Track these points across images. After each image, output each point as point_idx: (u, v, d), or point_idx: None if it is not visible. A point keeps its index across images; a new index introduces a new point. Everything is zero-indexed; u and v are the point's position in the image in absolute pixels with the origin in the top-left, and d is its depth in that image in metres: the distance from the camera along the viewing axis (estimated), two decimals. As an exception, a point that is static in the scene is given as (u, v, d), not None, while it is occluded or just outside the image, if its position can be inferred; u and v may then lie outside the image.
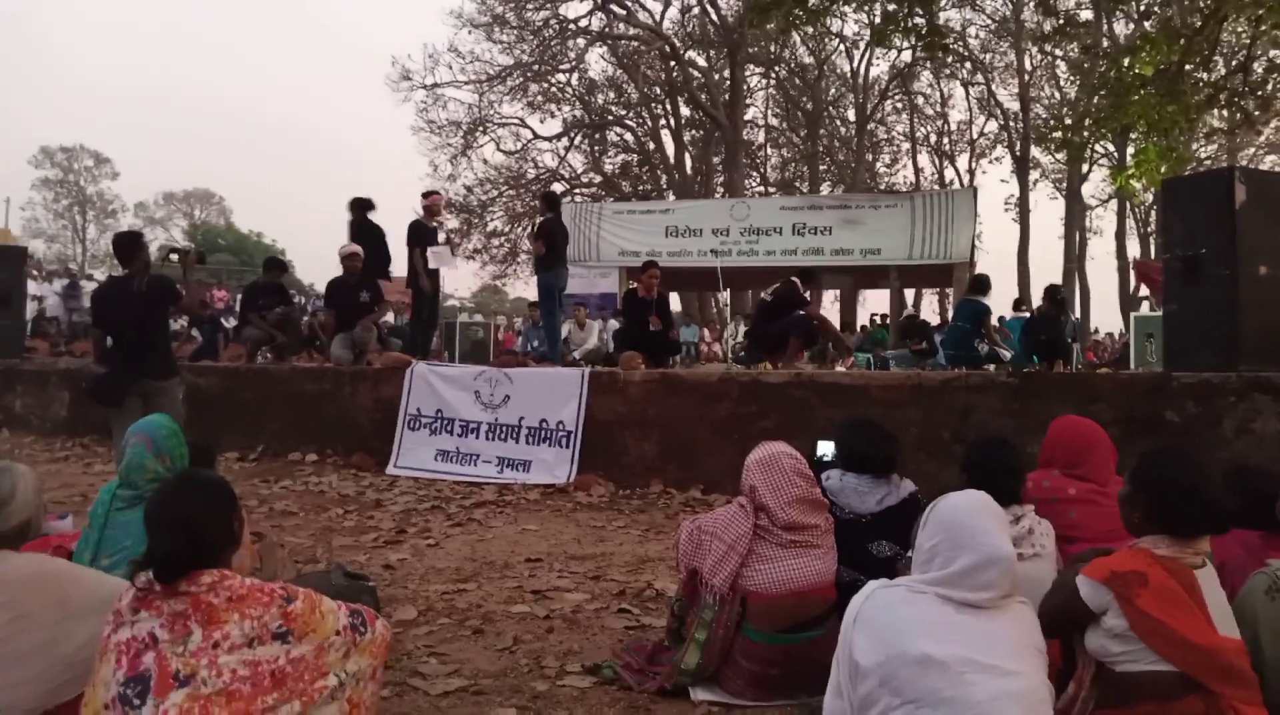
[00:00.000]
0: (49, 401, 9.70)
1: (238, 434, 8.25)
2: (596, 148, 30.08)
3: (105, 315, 5.79)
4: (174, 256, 6.00)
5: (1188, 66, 11.65)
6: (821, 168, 32.36)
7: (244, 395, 8.58)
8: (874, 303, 24.33)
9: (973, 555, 2.04)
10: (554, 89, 28.29)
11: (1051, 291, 10.92)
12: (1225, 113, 14.11)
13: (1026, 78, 28.49)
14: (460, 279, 58.03)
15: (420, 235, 9.16)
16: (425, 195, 9.68)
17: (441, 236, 9.40)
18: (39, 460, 8.16)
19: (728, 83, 26.87)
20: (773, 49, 28.51)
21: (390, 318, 14.16)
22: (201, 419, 7.63)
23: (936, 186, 31.23)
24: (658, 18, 27.34)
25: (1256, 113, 13.33)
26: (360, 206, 9.39)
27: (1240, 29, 13.79)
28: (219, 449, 6.70)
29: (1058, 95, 29.98)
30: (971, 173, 33.69)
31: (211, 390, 8.60)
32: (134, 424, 3.18)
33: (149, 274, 5.65)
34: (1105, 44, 19.44)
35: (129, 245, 5.72)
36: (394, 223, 9.42)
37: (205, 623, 1.94)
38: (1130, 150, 16.62)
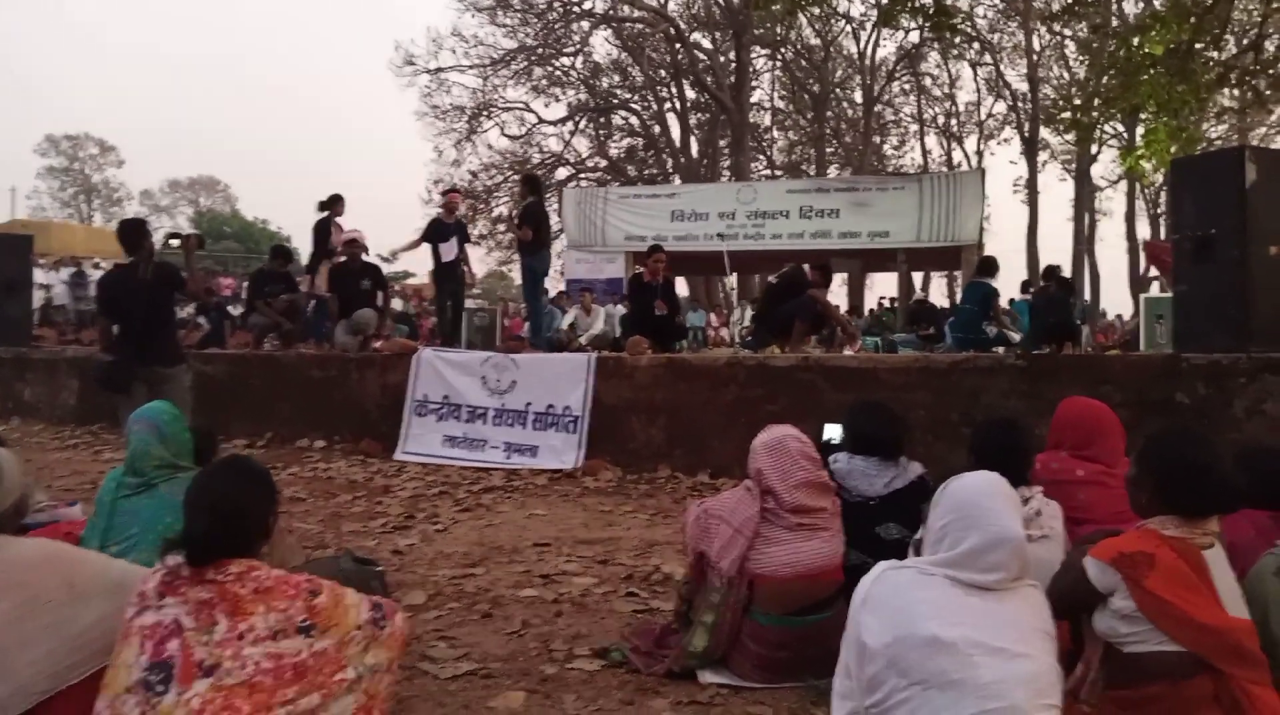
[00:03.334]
0: (58, 389, 9.74)
1: (245, 421, 8.28)
2: (601, 131, 30.00)
3: (112, 303, 5.80)
4: (174, 242, 6.00)
5: (1198, 45, 11.55)
6: (828, 150, 32.18)
7: (252, 382, 8.60)
8: (882, 286, 24.21)
9: (982, 535, 2.03)
10: (558, 73, 28.20)
11: (1052, 271, 10.83)
12: (1236, 92, 14.03)
13: (1035, 58, 28.32)
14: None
15: (436, 232, 9.58)
16: (444, 193, 10.09)
17: (451, 245, 9.55)
18: (49, 448, 8.20)
19: (733, 65, 26.71)
20: (778, 30, 28.30)
21: (398, 304, 14.26)
22: (209, 406, 7.66)
23: (944, 168, 31.08)
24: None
25: (1268, 92, 13.21)
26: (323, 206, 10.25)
27: (1251, 7, 13.66)
28: (227, 436, 6.72)
29: (1067, 75, 29.79)
30: (980, 154, 33.59)
31: (219, 377, 8.62)
32: (136, 411, 3.18)
33: (153, 261, 5.66)
34: (1115, 23, 19.26)
35: (134, 233, 5.72)
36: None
37: (231, 613, 1.95)
38: (1140, 130, 16.49)
